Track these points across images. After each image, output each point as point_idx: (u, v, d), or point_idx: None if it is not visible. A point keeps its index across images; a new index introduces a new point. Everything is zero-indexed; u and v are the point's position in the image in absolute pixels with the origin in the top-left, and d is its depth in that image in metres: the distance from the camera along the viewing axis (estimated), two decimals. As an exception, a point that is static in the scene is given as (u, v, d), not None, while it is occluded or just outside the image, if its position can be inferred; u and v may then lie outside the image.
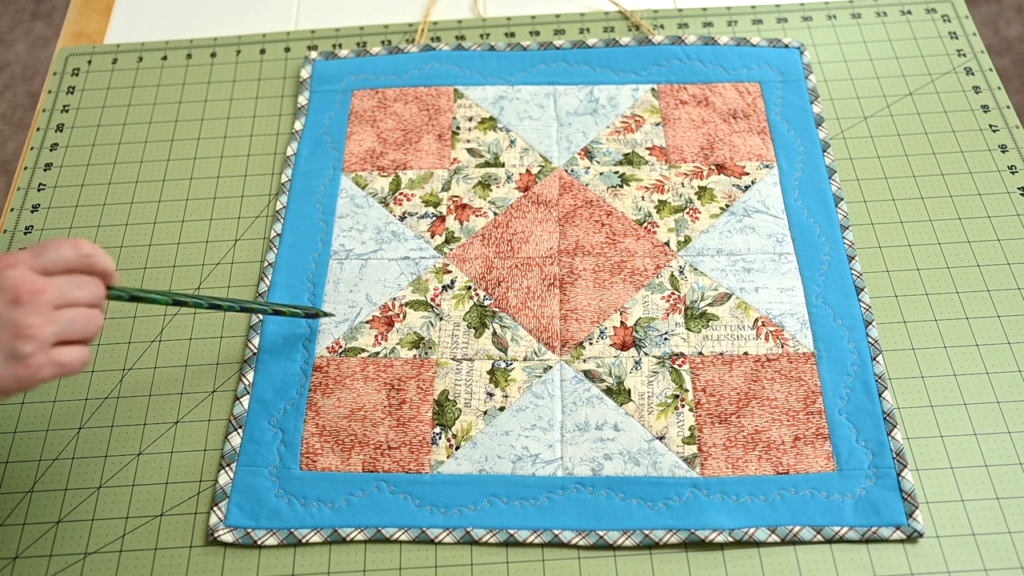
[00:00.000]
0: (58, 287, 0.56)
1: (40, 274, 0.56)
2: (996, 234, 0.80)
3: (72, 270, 0.58)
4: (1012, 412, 0.71)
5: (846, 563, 0.64)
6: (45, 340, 0.54)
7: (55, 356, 0.55)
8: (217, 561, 0.66)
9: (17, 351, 0.53)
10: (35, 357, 0.54)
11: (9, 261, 0.55)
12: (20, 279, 0.54)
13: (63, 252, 0.57)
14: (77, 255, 0.58)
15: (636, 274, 0.79)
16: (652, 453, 0.70)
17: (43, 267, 0.56)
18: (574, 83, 0.92)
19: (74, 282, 0.57)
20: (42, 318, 0.54)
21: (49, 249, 0.57)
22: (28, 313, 0.54)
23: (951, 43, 0.94)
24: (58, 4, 2.15)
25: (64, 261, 0.57)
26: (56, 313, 0.55)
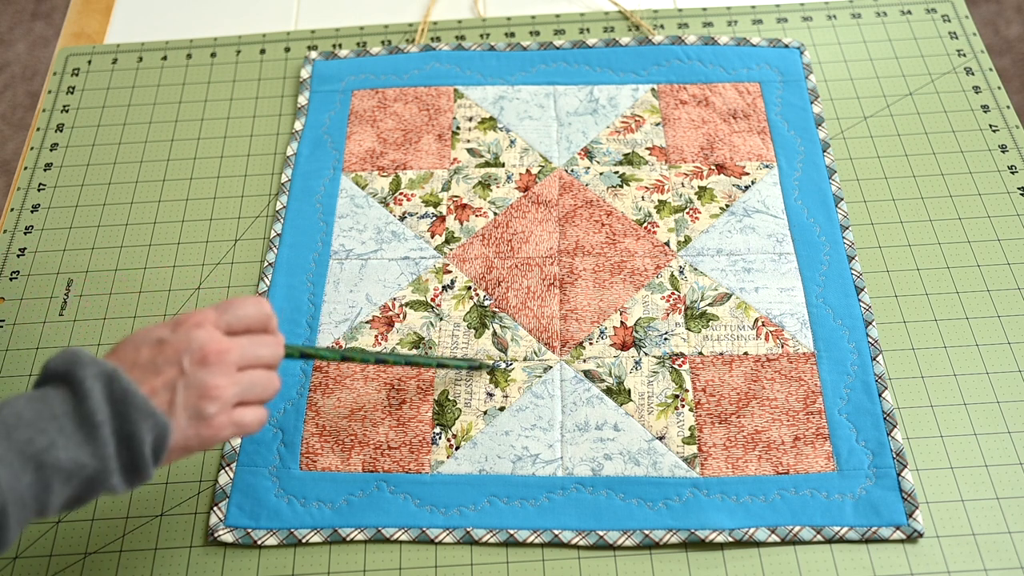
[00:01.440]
0: (240, 348, 0.56)
1: (224, 332, 0.57)
2: (996, 234, 0.80)
3: (253, 329, 0.58)
4: (1012, 412, 0.71)
5: (846, 563, 0.64)
6: (228, 401, 0.55)
7: (236, 417, 0.56)
8: (217, 561, 0.66)
9: (202, 411, 0.54)
10: (218, 418, 0.55)
11: (197, 319, 0.56)
12: (207, 340, 0.55)
13: (248, 311, 0.58)
14: (259, 314, 0.58)
15: (636, 274, 0.79)
16: (652, 453, 0.70)
17: (227, 325, 0.57)
18: (574, 83, 0.92)
19: (256, 343, 0.58)
20: (226, 379, 0.55)
21: (234, 307, 0.58)
22: (214, 374, 0.55)
23: (951, 43, 0.94)
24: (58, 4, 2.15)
25: (247, 319, 0.58)
26: (239, 374, 0.56)
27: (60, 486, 0.50)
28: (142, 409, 0.52)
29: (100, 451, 0.51)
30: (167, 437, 0.53)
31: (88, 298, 0.80)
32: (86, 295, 0.81)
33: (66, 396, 0.51)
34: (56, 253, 0.83)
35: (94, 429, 0.50)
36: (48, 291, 0.81)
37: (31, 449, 0.49)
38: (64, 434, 0.50)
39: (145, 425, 0.52)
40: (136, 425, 0.51)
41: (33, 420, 0.50)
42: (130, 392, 0.52)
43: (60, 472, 0.49)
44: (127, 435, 0.51)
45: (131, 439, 0.51)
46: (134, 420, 0.51)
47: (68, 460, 0.49)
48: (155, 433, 0.52)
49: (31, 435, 0.49)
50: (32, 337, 0.78)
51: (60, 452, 0.49)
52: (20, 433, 0.49)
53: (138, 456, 0.52)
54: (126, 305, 0.80)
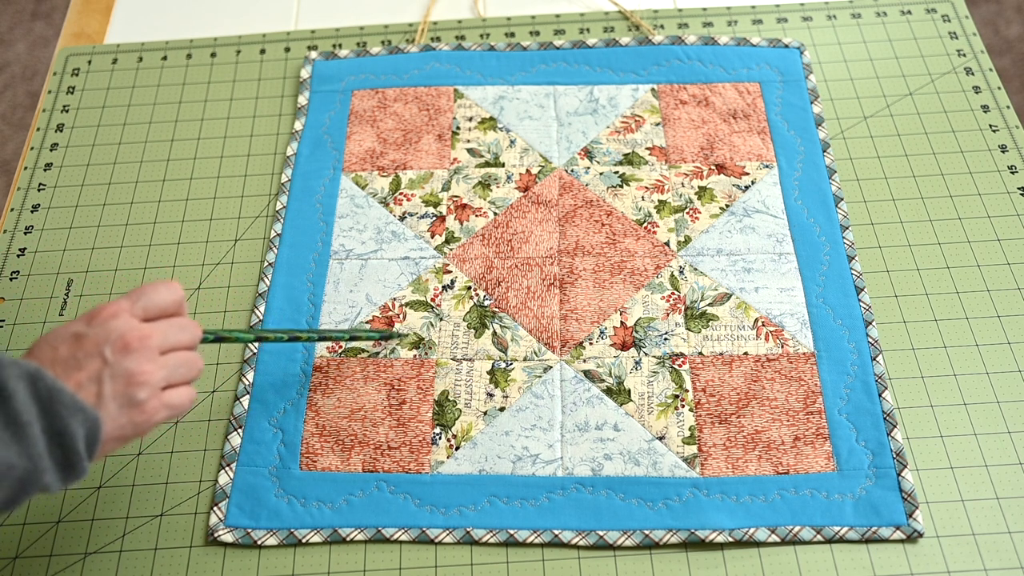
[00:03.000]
0: (161, 332, 0.57)
1: (140, 319, 0.57)
2: (996, 234, 0.80)
3: (168, 313, 0.58)
4: (1012, 412, 0.71)
5: (846, 563, 0.64)
6: (156, 385, 0.55)
7: (166, 399, 0.56)
8: (217, 561, 0.66)
9: (133, 398, 0.54)
10: (150, 402, 0.55)
11: (111, 311, 0.56)
12: (126, 328, 0.55)
13: (161, 296, 0.58)
14: (173, 298, 0.58)
15: (636, 274, 0.79)
16: (652, 453, 0.70)
17: (143, 312, 0.57)
18: (574, 83, 0.92)
19: (175, 326, 0.58)
20: (152, 364, 0.55)
21: (147, 294, 0.57)
22: (139, 360, 0.55)
23: (951, 43, 0.94)
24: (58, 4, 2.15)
25: (161, 304, 0.58)
26: (163, 358, 0.56)
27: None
28: (70, 405, 0.51)
29: (29, 450, 0.50)
30: (99, 430, 0.52)
31: (88, 298, 0.80)
32: (86, 295, 0.81)
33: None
34: (56, 253, 0.83)
35: (21, 428, 0.50)
36: (48, 291, 0.81)
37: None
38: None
39: (75, 420, 0.51)
40: (66, 421, 0.51)
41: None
42: (56, 389, 0.51)
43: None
44: (58, 432, 0.51)
45: (62, 435, 0.51)
46: (63, 416, 0.51)
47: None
48: (87, 427, 0.52)
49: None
50: (32, 337, 0.78)
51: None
52: None
53: (71, 452, 0.51)
54: (126, 305, 0.80)
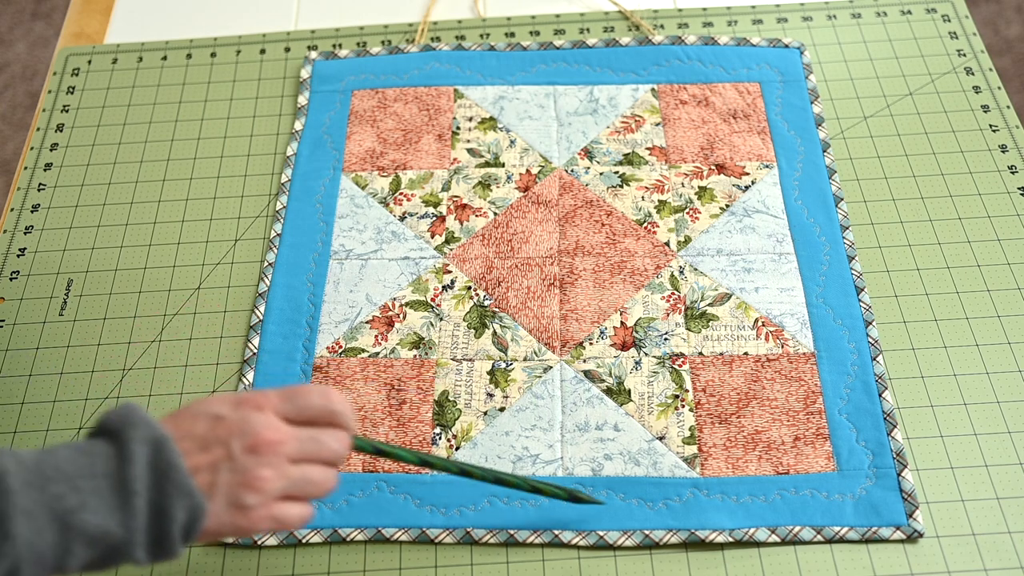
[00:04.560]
0: (299, 441, 0.53)
1: (284, 420, 0.54)
2: (996, 234, 0.80)
3: (315, 421, 0.55)
4: (1012, 412, 0.71)
5: (846, 563, 0.64)
6: (271, 494, 0.52)
7: (276, 511, 0.53)
8: (217, 561, 0.66)
9: (241, 501, 0.51)
10: (256, 510, 0.52)
11: (259, 401, 0.53)
12: (263, 426, 0.52)
13: (313, 401, 0.54)
14: (324, 407, 0.54)
15: (636, 274, 0.79)
16: (652, 453, 0.70)
17: (288, 413, 0.54)
18: (574, 83, 0.92)
19: (319, 437, 0.54)
20: (274, 471, 0.52)
21: (299, 396, 0.54)
22: (262, 464, 0.51)
23: (951, 43, 0.94)
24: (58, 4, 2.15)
25: (310, 411, 0.54)
26: (290, 468, 0.52)
27: (82, 549, 0.47)
28: (180, 486, 0.49)
29: (129, 522, 0.48)
30: (200, 520, 0.50)
31: (88, 298, 0.80)
32: (86, 295, 0.81)
33: (111, 455, 0.49)
34: (56, 253, 0.83)
35: (129, 497, 0.48)
36: (48, 291, 0.81)
37: (60, 507, 0.47)
38: (98, 495, 0.48)
39: (180, 504, 0.49)
40: (171, 500, 0.49)
41: (71, 476, 0.48)
42: (173, 466, 0.49)
43: (84, 536, 0.47)
44: (160, 510, 0.49)
45: (162, 515, 0.49)
46: (170, 495, 0.49)
47: (95, 525, 0.47)
48: (188, 514, 0.49)
49: (65, 491, 0.47)
50: (32, 337, 0.78)
51: (89, 515, 0.47)
52: (55, 487, 0.47)
53: (166, 534, 0.49)
54: (126, 305, 0.80)
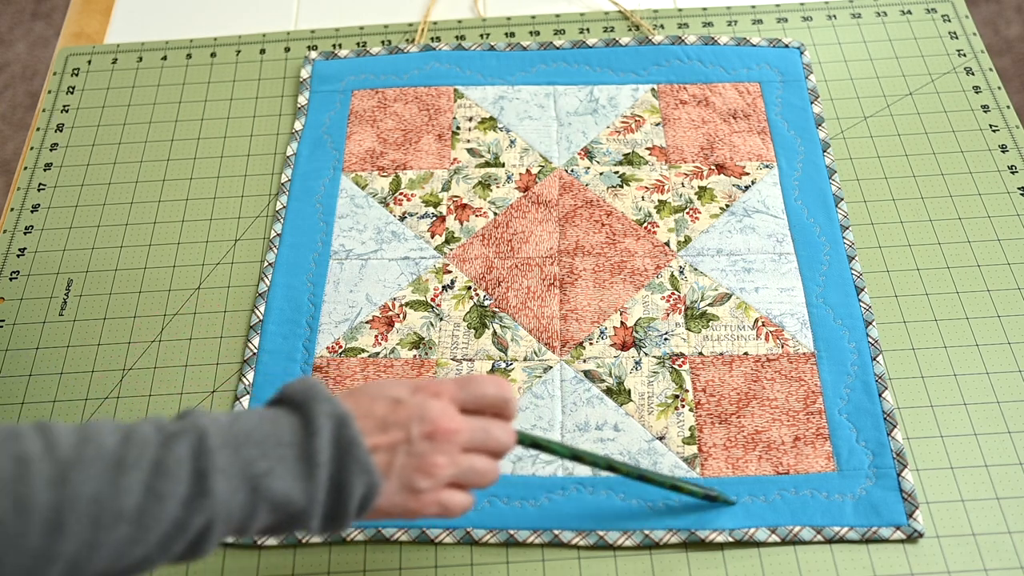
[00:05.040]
0: (471, 430, 0.55)
1: (459, 409, 0.55)
2: (996, 234, 0.80)
3: (488, 411, 0.56)
4: (1012, 412, 0.71)
5: (846, 563, 0.64)
6: (441, 480, 0.54)
7: (443, 497, 0.54)
8: (217, 561, 0.66)
9: (414, 484, 0.53)
10: (426, 495, 0.54)
11: (436, 389, 0.55)
12: (440, 414, 0.53)
13: (487, 391, 0.56)
14: (499, 397, 0.56)
15: (636, 274, 0.79)
16: (652, 453, 0.70)
17: (463, 402, 0.55)
18: (574, 83, 0.92)
19: (488, 428, 0.55)
20: (447, 459, 0.53)
21: (474, 386, 0.56)
22: (437, 451, 0.53)
23: (951, 43, 0.94)
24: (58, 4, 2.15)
25: (485, 401, 0.56)
26: (461, 456, 0.54)
27: (265, 513, 0.49)
28: (361, 463, 0.50)
29: (312, 492, 0.50)
30: (374, 498, 0.52)
31: (88, 298, 0.80)
32: (86, 295, 0.81)
33: (296, 427, 0.50)
34: (56, 253, 0.83)
35: (314, 469, 0.49)
36: (48, 291, 0.81)
37: (251, 471, 0.48)
38: (284, 464, 0.49)
39: (359, 479, 0.50)
40: (351, 475, 0.50)
41: (261, 441, 0.49)
42: (355, 442, 0.50)
43: (270, 500, 0.49)
44: (339, 483, 0.50)
45: (342, 489, 0.50)
46: (350, 470, 0.50)
47: (281, 492, 0.49)
48: (365, 490, 0.51)
49: (256, 456, 0.49)
50: (32, 337, 0.78)
51: (276, 481, 0.49)
52: (246, 451, 0.49)
53: (343, 507, 0.51)
54: (126, 305, 0.80)
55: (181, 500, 0.46)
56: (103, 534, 0.44)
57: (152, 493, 0.46)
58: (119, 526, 0.45)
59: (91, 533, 0.44)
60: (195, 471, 0.47)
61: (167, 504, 0.46)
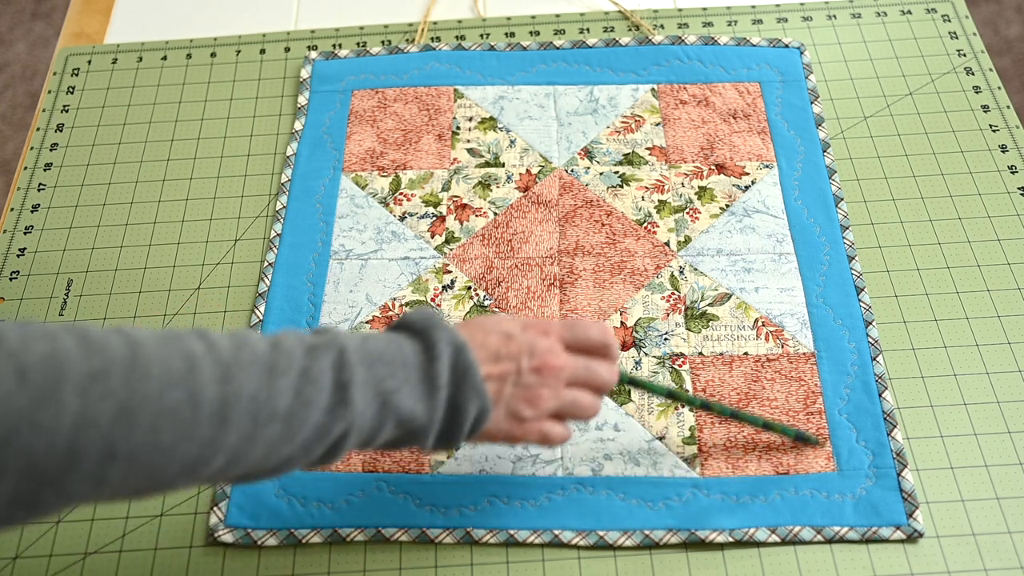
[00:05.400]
0: (575, 367, 0.59)
1: (565, 348, 0.59)
2: (996, 234, 0.80)
3: (591, 352, 0.60)
4: (1012, 412, 0.71)
5: (846, 563, 0.64)
6: (544, 411, 0.58)
7: (544, 427, 0.59)
8: (217, 561, 0.66)
9: (519, 413, 0.57)
10: (529, 424, 0.58)
11: (545, 327, 0.59)
12: (547, 350, 0.58)
13: (591, 334, 0.60)
14: (602, 340, 0.60)
15: (636, 274, 0.79)
16: (652, 453, 0.70)
17: (569, 342, 0.60)
18: (574, 83, 0.92)
19: (592, 367, 0.60)
20: (552, 392, 0.58)
21: (579, 328, 0.60)
22: (543, 384, 0.57)
23: (951, 43, 0.94)
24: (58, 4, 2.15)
25: (588, 342, 0.60)
26: (563, 391, 0.58)
27: (391, 428, 0.53)
28: (476, 388, 0.54)
29: (432, 411, 0.54)
30: (484, 421, 0.56)
31: (88, 298, 0.80)
32: (86, 295, 0.81)
33: (419, 351, 0.54)
34: (56, 253, 0.83)
35: (435, 390, 0.53)
36: (48, 291, 0.81)
37: (382, 387, 0.52)
38: (410, 384, 0.53)
39: (473, 403, 0.54)
40: (467, 399, 0.54)
41: (389, 362, 0.53)
42: (471, 369, 0.54)
43: (397, 416, 0.52)
44: (456, 405, 0.54)
45: (458, 410, 0.54)
46: (466, 394, 0.54)
47: (407, 409, 0.53)
48: (477, 413, 0.55)
49: (386, 374, 0.52)
50: (32, 337, 0.78)
51: (402, 399, 0.52)
52: (378, 369, 0.52)
53: (457, 427, 0.55)
54: (126, 305, 0.80)
55: (325, 407, 0.50)
56: (260, 430, 0.48)
57: (300, 398, 0.49)
58: (273, 425, 0.48)
59: (250, 428, 0.47)
60: (337, 382, 0.50)
61: (312, 409, 0.49)
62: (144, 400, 0.44)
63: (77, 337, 0.44)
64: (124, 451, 0.43)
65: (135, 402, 0.43)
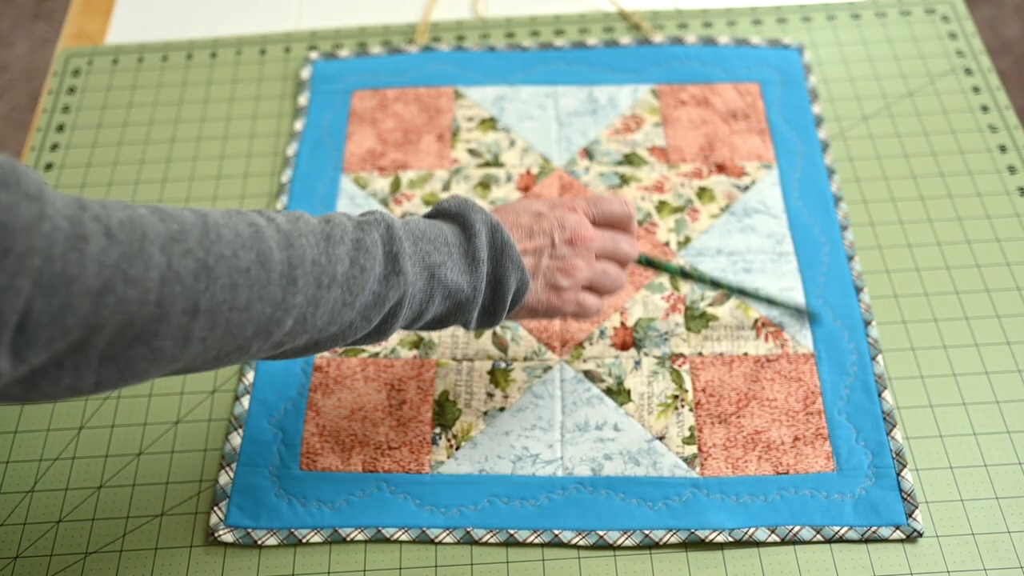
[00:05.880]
0: (603, 239, 0.63)
1: (591, 222, 0.64)
2: (995, 234, 0.80)
3: (615, 226, 0.65)
4: (1012, 412, 0.71)
5: (846, 563, 0.65)
6: (579, 281, 0.62)
7: (580, 297, 0.63)
8: (217, 561, 0.67)
9: (557, 283, 0.61)
10: (567, 293, 0.62)
11: (571, 204, 0.63)
12: (578, 223, 0.62)
13: (615, 208, 0.65)
14: (623, 213, 0.65)
15: (636, 274, 0.79)
16: (652, 453, 0.70)
17: (594, 216, 0.64)
18: (574, 83, 0.92)
19: (616, 239, 0.64)
20: (584, 262, 0.62)
21: (603, 203, 0.64)
22: (577, 255, 0.61)
23: (950, 43, 0.94)
24: (59, 5, 2.15)
25: (612, 216, 0.65)
26: (595, 262, 0.63)
27: (439, 299, 0.57)
28: (515, 261, 0.58)
29: (476, 283, 0.57)
30: (525, 292, 0.60)
31: (88, 298, 0.80)
32: (86, 295, 0.80)
33: (457, 231, 0.58)
34: (56, 253, 0.83)
35: (477, 264, 0.57)
36: (48, 291, 0.81)
37: (429, 260, 0.56)
38: (453, 259, 0.57)
39: (513, 276, 0.58)
40: (507, 272, 0.58)
41: (433, 239, 0.57)
42: (509, 244, 0.58)
43: (444, 288, 0.56)
44: (498, 279, 0.58)
45: (500, 283, 0.58)
46: (507, 268, 0.58)
47: (453, 281, 0.56)
48: (518, 285, 0.59)
49: (431, 249, 0.56)
50: (33, 337, 0.78)
51: (449, 272, 0.56)
52: (423, 245, 0.56)
53: (500, 299, 0.58)
54: (126, 305, 0.80)
55: (379, 276, 0.53)
56: (323, 293, 0.51)
57: (356, 264, 0.52)
58: (334, 288, 0.51)
59: (315, 290, 0.50)
60: (388, 253, 0.54)
61: (368, 276, 0.53)
62: (220, 259, 0.46)
63: (150, 208, 0.46)
64: (206, 306, 0.46)
65: (212, 260, 0.46)
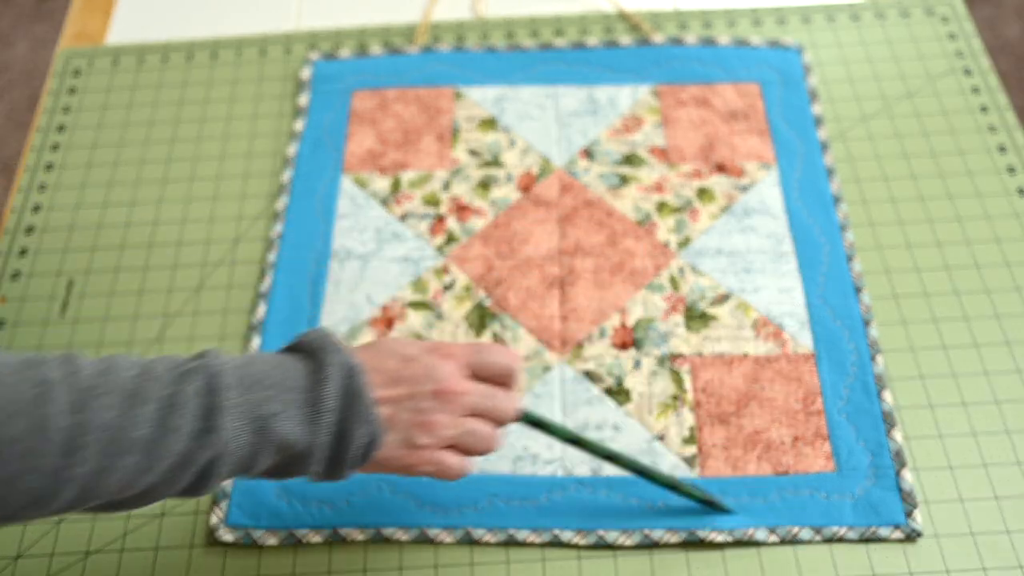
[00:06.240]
0: (478, 395, 0.56)
1: (469, 374, 0.57)
2: (995, 234, 0.80)
3: (496, 380, 0.58)
4: (1011, 412, 0.71)
5: (845, 563, 0.65)
6: (441, 439, 0.56)
7: (439, 457, 0.56)
8: (217, 561, 0.67)
9: (413, 440, 0.55)
10: (424, 452, 0.56)
11: (449, 351, 0.57)
12: (449, 375, 0.56)
13: (497, 359, 0.58)
14: (508, 368, 0.58)
15: (636, 274, 0.79)
16: (652, 453, 0.70)
17: (473, 367, 0.57)
18: (574, 83, 0.92)
19: (495, 395, 0.57)
20: (449, 419, 0.55)
21: (485, 353, 0.58)
22: (441, 410, 0.55)
23: (950, 44, 0.94)
24: (59, 5, 2.15)
25: (494, 369, 0.58)
26: (462, 420, 0.56)
27: (269, 455, 0.51)
28: (364, 414, 0.53)
29: (316, 437, 0.52)
30: (374, 449, 0.54)
31: (89, 298, 0.80)
32: (87, 295, 0.81)
33: (307, 373, 0.53)
34: (57, 253, 0.83)
35: (319, 416, 0.52)
36: (49, 291, 0.81)
37: (259, 412, 0.50)
38: (292, 408, 0.51)
39: (362, 429, 0.53)
40: (354, 426, 0.52)
41: (271, 385, 0.51)
42: (361, 394, 0.53)
43: (275, 442, 0.51)
44: (343, 432, 0.53)
45: (344, 437, 0.53)
46: (354, 421, 0.52)
47: (286, 433, 0.51)
48: (367, 440, 0.53)
49: (265, 398, 0.51)
50: (33, 337, 0.78)
51: (282, 423, 0.51)
52: (256, 393, 0.51)
53: (343, 455, 0.53)
54: (126, 305, 0.80)
55: (190, 434, 0.48)
56: (115, 460, 0.46)
57: (163, 426, 0.48)
58: (130, 455, 0.47)
59: (104, 459, 0.46)
60: (204, 408, 0.49)
61: (176, 437, 0.48)
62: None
63: None
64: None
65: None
